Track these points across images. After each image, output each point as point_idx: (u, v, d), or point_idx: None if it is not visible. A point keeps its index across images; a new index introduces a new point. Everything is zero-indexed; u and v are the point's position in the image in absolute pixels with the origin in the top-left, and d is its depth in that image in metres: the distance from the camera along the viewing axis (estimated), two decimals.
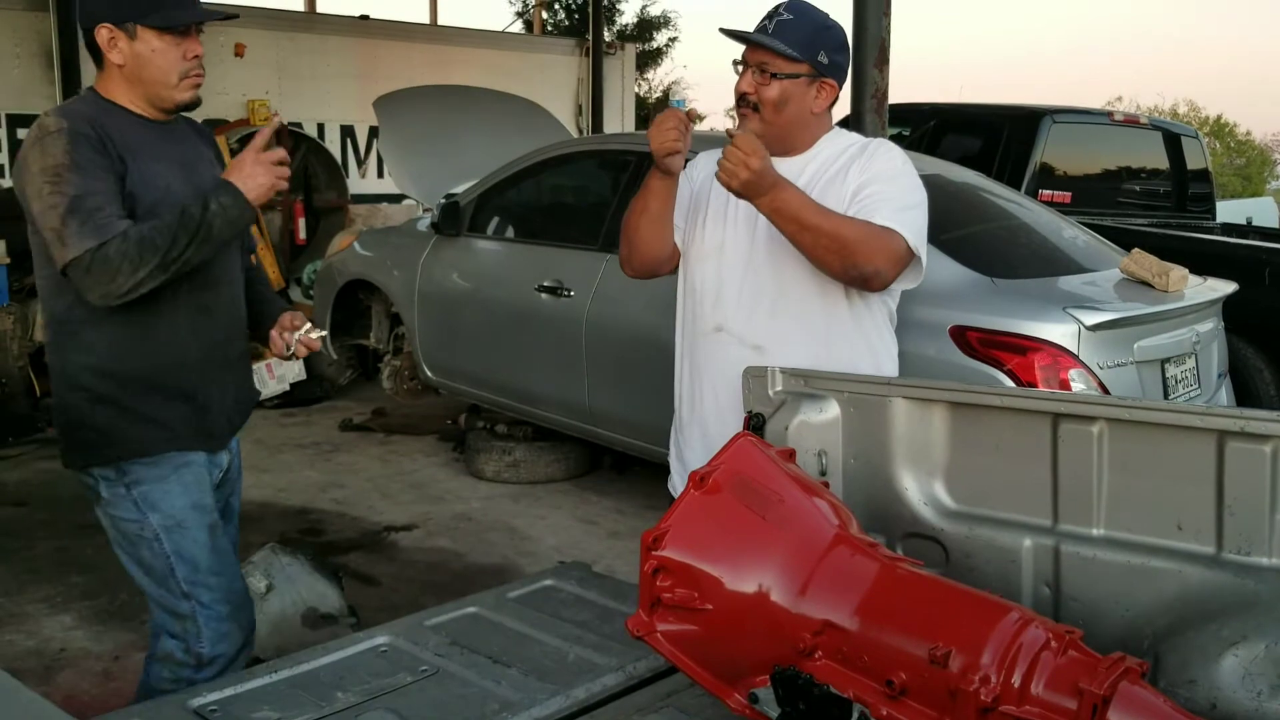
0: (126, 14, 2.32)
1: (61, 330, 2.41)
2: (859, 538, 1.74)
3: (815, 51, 2.43)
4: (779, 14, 2.44)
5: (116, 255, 2.19)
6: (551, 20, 20.89)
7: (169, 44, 2.36)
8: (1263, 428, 1.68)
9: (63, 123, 2.26)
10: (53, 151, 2.23)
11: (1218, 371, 4.60)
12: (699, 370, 2.62)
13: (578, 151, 6.00)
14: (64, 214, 2.20)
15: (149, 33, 2.33)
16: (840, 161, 2.51)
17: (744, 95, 2.47)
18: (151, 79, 2.37)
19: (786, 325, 2.48)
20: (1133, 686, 1.41)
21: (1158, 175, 7.61)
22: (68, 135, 2.24)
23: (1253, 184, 30.69)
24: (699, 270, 2.60)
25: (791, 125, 2.49)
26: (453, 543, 4.94)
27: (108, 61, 2.37)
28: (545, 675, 1.93)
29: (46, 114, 2.31)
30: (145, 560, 2.47)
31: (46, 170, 2.22)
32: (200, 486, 2.51)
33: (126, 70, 2.36)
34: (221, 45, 9.60)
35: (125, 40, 2.34)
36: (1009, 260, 4.42)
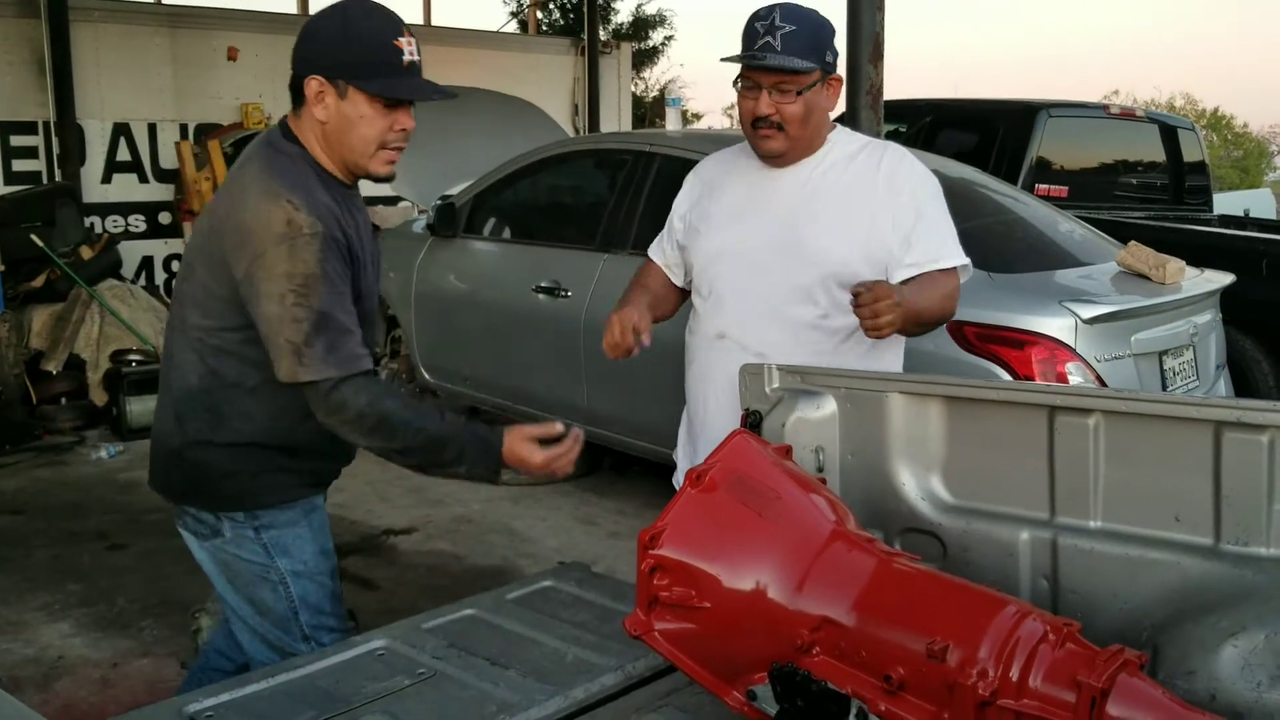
0: (344, 72, 2.15)
1: (219, 393, 2.28)
2: (856, 533, 1.73)
3: (822, 54, 2.40)
4: (778, 26, 2.36)
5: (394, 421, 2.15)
6: (546, 20, 20.88)
7: (378, 112, 2.18)
8: (1259, 418, 1.67)
9: (317, 226, 2.10)
10: (304, 258, 2.08)
11: (1216, 363, 4.59)
12: (703, 376, 2.61)
13: (574, 151, 6.00)
14: (309, 332, 2.08)
15: (360, 96, 2.16)
16: (855, 165, 2.49)
17: (765, 117, 2.41)
18: (350, 145, 2.21)
19: (787, 333, 2.46)
20: (1132, 679, 1.41)
21: (1154, 168, 7.61)
22: (321, 241, 2.10)
23: (1250, 176, 30.70)
24: (704, 276, 2.60)
25: (816, 131, 2.48)
26: (452, 545, 4.94)
27: (308, 112, 2.20)
28: (544, 676, 1.92)
29: (295, 205, 2.10)
30: (263, 601, 2.38)
31: (294, 277, 2.08)
32: (325, 530, 2.47)
33: (328, 128, 2.20)
34: (214, 49, 9.60)
35: (334, 97, 2.17)
36: (1006, 255, 4.41)
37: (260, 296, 2.11)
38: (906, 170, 2.50)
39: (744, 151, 2.60)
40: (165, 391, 2.38)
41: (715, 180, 2.64)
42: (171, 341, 2.36)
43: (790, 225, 2.47)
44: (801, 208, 2.47)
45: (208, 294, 2.23)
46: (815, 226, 2.45)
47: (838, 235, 2.44)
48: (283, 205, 2.11)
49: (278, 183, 2.14)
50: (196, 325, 2.26)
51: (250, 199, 2.14)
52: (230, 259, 2.15)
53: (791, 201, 2.48)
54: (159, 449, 2.41)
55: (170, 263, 9.46)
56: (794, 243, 2.46)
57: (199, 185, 8.46)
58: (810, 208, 2.46)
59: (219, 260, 2.18)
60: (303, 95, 2.19)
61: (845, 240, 2.44)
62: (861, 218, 2.44)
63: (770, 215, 2.49)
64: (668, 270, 2.74)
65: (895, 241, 2.42)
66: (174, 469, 2.38)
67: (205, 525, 2.36)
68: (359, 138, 2.20)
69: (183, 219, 9.01)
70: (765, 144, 2.45)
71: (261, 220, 2.11)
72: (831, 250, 2.45)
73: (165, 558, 4.52)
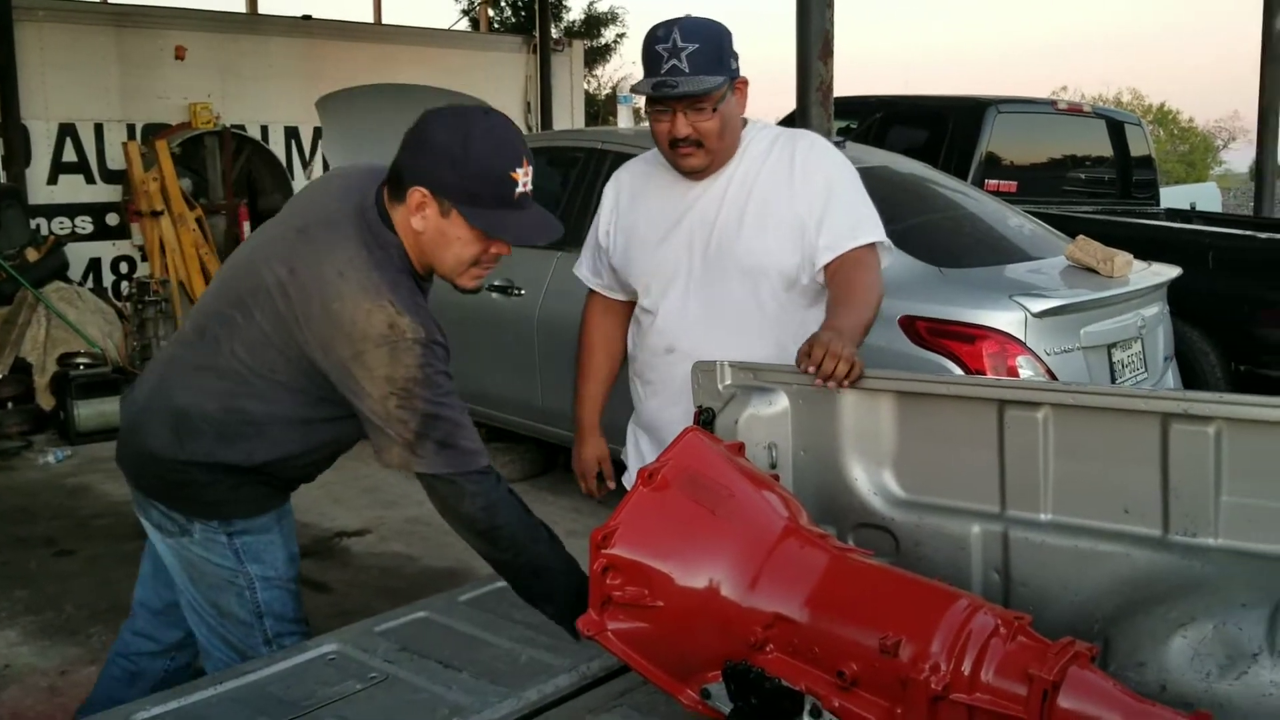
0: (452, 195, 2.04)
1: (237, 426, 2.20)
2: (809, 530, 1.73)
3: (727, 63, 2.38)
4: (682, 47, 2.32)
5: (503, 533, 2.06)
6: (498, 17, 20.81)
7: (476, 237, 2.08)
8: (1205, 409, 1.69)
9: (420, 331, 2.01)
10: (406, 362, 2.00)
11: (1164, 355, 4.65)
12: (657, 391, 2.60)
13: None
14: (417, 432, 2.02)
15: (461, 220, 2.06)
16: (772, 159, 2.49)
17: (684, 138, 2.38)
18: (441, 259, 2.12)
19: (736, 340, 2.43)
20: (1082, 671, 1.42)
21: (1102, 163, 7.69)
22: (423, 347, 2.01)
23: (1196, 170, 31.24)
24: (646, 294, 2.57)
25: (732, 141, 2.47)
26: (407, 547, 4.89)
27: (406, 211, 2.09)
28: (497, 678, 1.91)
29: (396, 309, 2.01)
30: (227, 605, 2.33)
31: (395, 380, 2.00)
32: (293, 534, 2.44)
33: (422, 238, 2.09)
34: (162, 48, 9.46)
35: (435, 211, 2.06)
36: (956, 250, 4.44)
37: (360, 394, 2.05)
38: (817, 156, 2.50)
39: (658, 160, 2.57)
40: (162, 398, 2.26)
41: (635, 194, 2.61)
42: (187, 355, 2.25)
43: (721, 235, 2.47)
44: (729, 216, 2.47)
45: (266, 343, 2.14)
46: (745, 232, 2.45)
47: (769, 237, 2.45)
48: (384, 307, 2.01)
49: (378, 277, 2.04)
50: (242, 361, 2.16)
51: (347, 290, 2.03)
52: (314, 339, 2.07)
53: (718, 210, 2.48)
54: (140, 450, 2.30)
55: (118, 264, 9.32)
56: (728, 252, 2.46)
57: (147, 186, 8.34)
58: (737, 214, 2.46)
59: (291, 323, 2.09)
60: (404, 190, 2.08)
61: (776, 239, 2.45)
62: (785, 214, 2.44)
63: (700, 227, 2.49)
64: (609, 292, 2.72)
65: (812, 226, 2.42)
66: (153, 473, 2.30)
67: (174, 523, 2.31)
68: (453, 256, 2.12)
69: (130, 220, 8.89)
70: (687, 162, 2.43)
71: (360, 318, 2.02)
72: (766, 253, 2.45)
73: (113, 563, 4.45)
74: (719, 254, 2.46)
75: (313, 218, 2.17)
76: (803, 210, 2.43)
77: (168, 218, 8.26)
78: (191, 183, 9.10)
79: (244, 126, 9.79)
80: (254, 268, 2.17)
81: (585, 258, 2.75)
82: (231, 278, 2.25)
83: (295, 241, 2.14)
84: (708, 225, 2.47)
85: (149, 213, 8.24)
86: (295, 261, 2.10)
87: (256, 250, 2.23)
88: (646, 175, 2.62)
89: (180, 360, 2.27)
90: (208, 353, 2.20)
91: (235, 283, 2.21)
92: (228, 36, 9.97)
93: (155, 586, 2.52)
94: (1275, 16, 7.65)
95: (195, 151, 9.48)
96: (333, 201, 2.18)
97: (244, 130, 9.77)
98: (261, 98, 9.98)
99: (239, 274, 2.22)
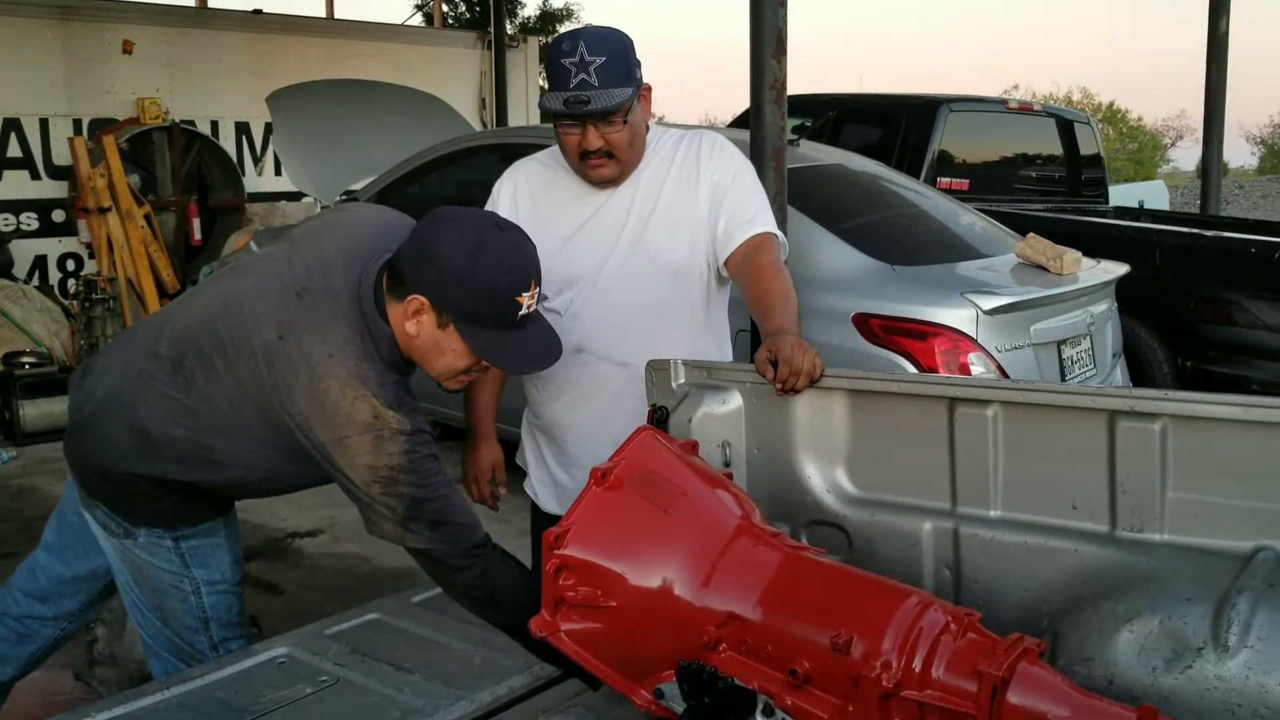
0: (452, 311, 1.99)
1: (199, 458, 2.15)
2: (762, 528, 1.73)
3: (633, 72, 2.37)
4: (589, 60, 2.30)
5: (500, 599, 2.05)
6: (452, 13, 20.70)
7: (470, 352, 2.04)
8: (1151, 406, 1.71)
9: (405, 424, 1.98)
10: (389, 451, 1.96)
11: (1112, 351, 4.71)
12: (564, 391, 2.59)
13: (481, 145, 5.93)
14: (405, 515, 1.98)
15: (457, 335, 2.02)
16: (677, 160, 2.49)
17: (596, 150, 2.37)
18: (430, 365, 2.09)
19: (648, 338, 2.44)
20: (1031, 666, 1.43)
21: (1052, 161, 7.78)
22: (407, 438, 1.98)
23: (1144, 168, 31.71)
24: (551, 300, 2.52)
25: (640, 148, 2.46)
26: (360, 547, 4.85)
27: (403, 313, 2.03)
28: (450, 680, 1.90)
29: (381, 400, 1.97)
30: (171, 609, 2.30)
31: (378, 469, 1.96)
32: (238, 536, 2.42)
33: (415, 342, 2.04)
34: (109, 42, 9.31)
35: (431, 320, 2.01)
36: (909, 248, 4.47)
37: (342, 475, 2.02)
38: (718, 154, 2.51)
39: (558, 162, 2.55)
40: (124, 409, 2.19)
41: (536, 193, 2.58)
42: (160, 378, 2.16)
43: (632, 236, 2.47)
44: (638, 216, 2.47)
45: (244, 398, 2.08)
46: (656, 233, 2.46)
47: (679, 236, 2.46)
48: (368, 397, 1.98)
49: (367, 369, 2.00)
50: (217, 409, 2.11)
51: (335, 373, 1.99)
52: (296, 413, 2.01)
53: (628, 211, 2.48)
54: (90, 454, 2.24)
55: (65, 262, 9.17)
56: (639, 252, 2.46)
57: (94, 182, 8.19)
58: (646, 215, 2.47)
59: (271, 391, 2.03)
60: (404, 292, 2.01)
61: (687, 239, 2.46)
62: (692, 213, 2.46)
63: (610, 228, 2.48)
64: None
65: (716, 221, 2.44)
66: (100, 477, 2.24)
67: (118, 525, 2.26)
68: (444, 365, 2.08)
69: (77, 216, 8.73)
70: (598, 173, 2.42)
71: (345, 404, 1.98)
72: (676, 252, 2.47)
73: None
74: (630, 254, 2.46)
75: (315, 282, 2.08)
76: (706, 208, 2.45)
77: (115, 214, 8.12)
78: (140, 179, 8.96)
79: (194, 122, 9.66)
80: (243, 316, 2.09)
81: None
82: (221, 311, 2.14)
83: (292, 305, 2.06)
84: (618, 226, 2.48)
85: (96, 209, 8.10)
86: (286, 329, 2.03)
87: (251, 293, 2.12)
88: (548, 178, 2.59)
89: (150, 378, 2.17)
90: (181, 385, 2.13)
91: (222, 320, 2.12)
92: (176, 30, 9.82)
93: (67, 556, 2.46)
94: (1220, 18, 7.77)
95: (144, 147, 9.35)
96: (338, 265, 2.09)
97: (194, 126, 9.64)
98: (211, 93, 9.85)
99: (229, 311, 2.13)
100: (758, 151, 3.77)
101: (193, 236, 9.02)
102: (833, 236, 4.19)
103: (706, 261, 2.48)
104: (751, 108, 3.88)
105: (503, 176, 2.69)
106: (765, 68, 3.81)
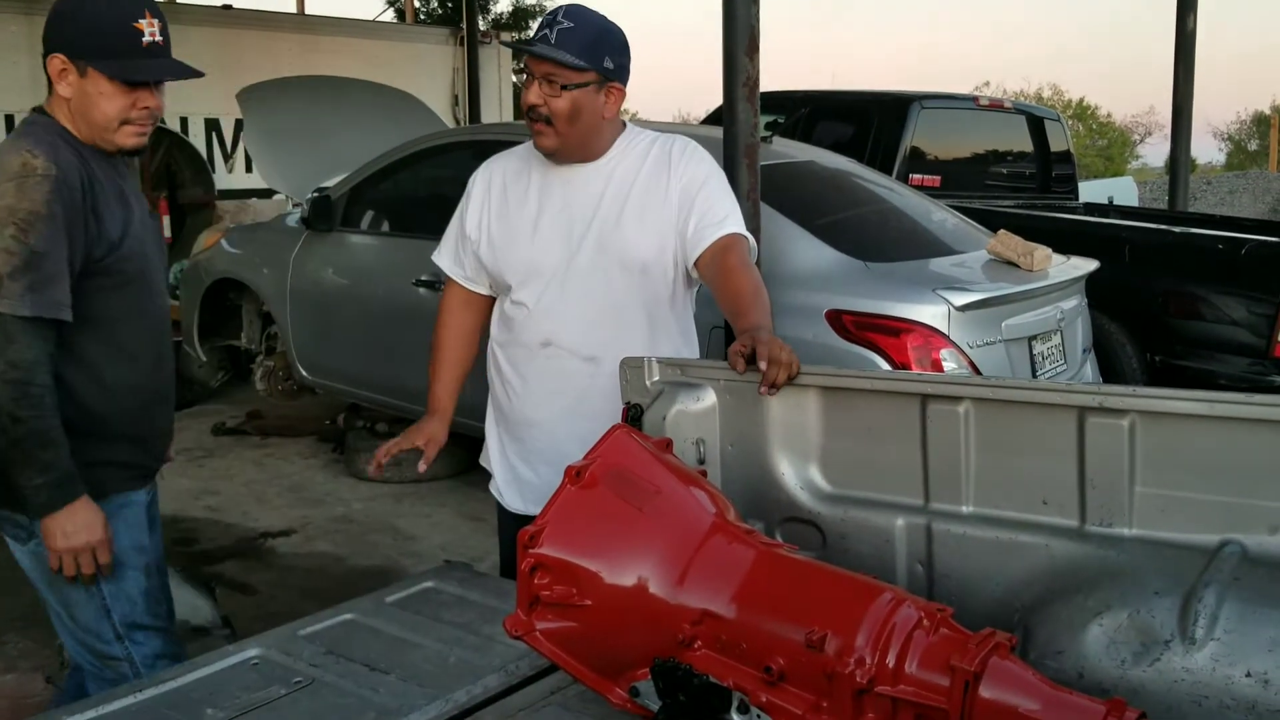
0: (83, 52, 2.21)
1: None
2: (736, 525, 1.74)
3: (600, 58, 2.40)
4: (559, 22, 2.38)
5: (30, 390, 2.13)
6: (424, 9, 20.58)
7: (119, 90, 2.24)
8: (1120, 402, 1.73)
9: (51, 170, 2.14)
10: (32, 196, 2.12)
11: (1082, 347, 4.75)
12: (528, 385, 2.60)
13: (453, 142, 5.91)
14: (18, 266, 2.10)
15: (99, 75, 2.22)
16: (649, 160, 2.52)
17: (534, 107, 2.41)
18: (94, 121, 2.26)
19: (615, 333, 2.47)
20: (1003, 661, 1.44)
21: (1023, 158, 7.83)
22: (53, 184, 2.13)
23: (1114, 164, 31.99)
24: (520, 289, 2.56)
25: (586, 134, 2.47)
26: (333, 546, 4.84)
27: (56, 92, 2.27)
28: (424, 680, 1.89)
29: (32, 153, 2.16)
30: (75, 600, 2.34)
31: (17, 211, 2.10)
32: (141, 526, 2.42)
33: (73, 105, 2.26)
34: None
35: (75, 76, 2.23)
36: (882, 244, 4.49)
37: None
38: (689, 157, 2.53)
39: (532, 155, 2.59)
40: None
41: (507, 186, 2.60)
42: None
43: (601, 230, 2.48)
44: (608, 211, 2.49)
45: None
46: (625, 228, 2.48)
47: (648, 233, 2.48)
48: (21, 153, 2.16)
49: (22, 140, 2.21)
50: None
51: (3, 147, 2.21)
52: None
53: (596, 206, 2.49)
54: None
55: None
56: (608, 247, 2.48)
57: None
58: (616, 210, 2.49)
59: None
60: (46, 64, 2.23)
61: (656, 235, 2.48)
62: (662, 211, 2.48)
63: (579, 221, 2.50)
64: (469, 284, 2.71)
65: (686, 221, 2.46)
66: None
67: (21, 528, 2.33)
68: (101, 114, 2.24)
69: None
70: (537, 139, 2.46)
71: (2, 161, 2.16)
72: (644, 248, 2.48)
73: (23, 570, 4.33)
74: (598, 248, 2.48)
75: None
76: (676, 209, 2.47)
77: None
78: None
79: (162, 118, 9.58)
80: None
81: (446, 247, 2.74)
82: None
83: None
84: (586, 220, 2.49)
85: None
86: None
87: None
88: (520, 169, 2.62)
89: None
90: None
91: None
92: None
93: None
94: (1188, 16, 7.83)
95: None
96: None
97: (163, 122, 9.55)
98: (180, 89, 9.67)
99: None
100: (731, 148, 3.78)
101: (162, 234, 8.94)
102: (806, 233, 4.20)
103: (674, 261, 2.50)
104: (725, 104, 3.88)
105: (477, 171, 2.73)
106: (738, 64, 3.81)
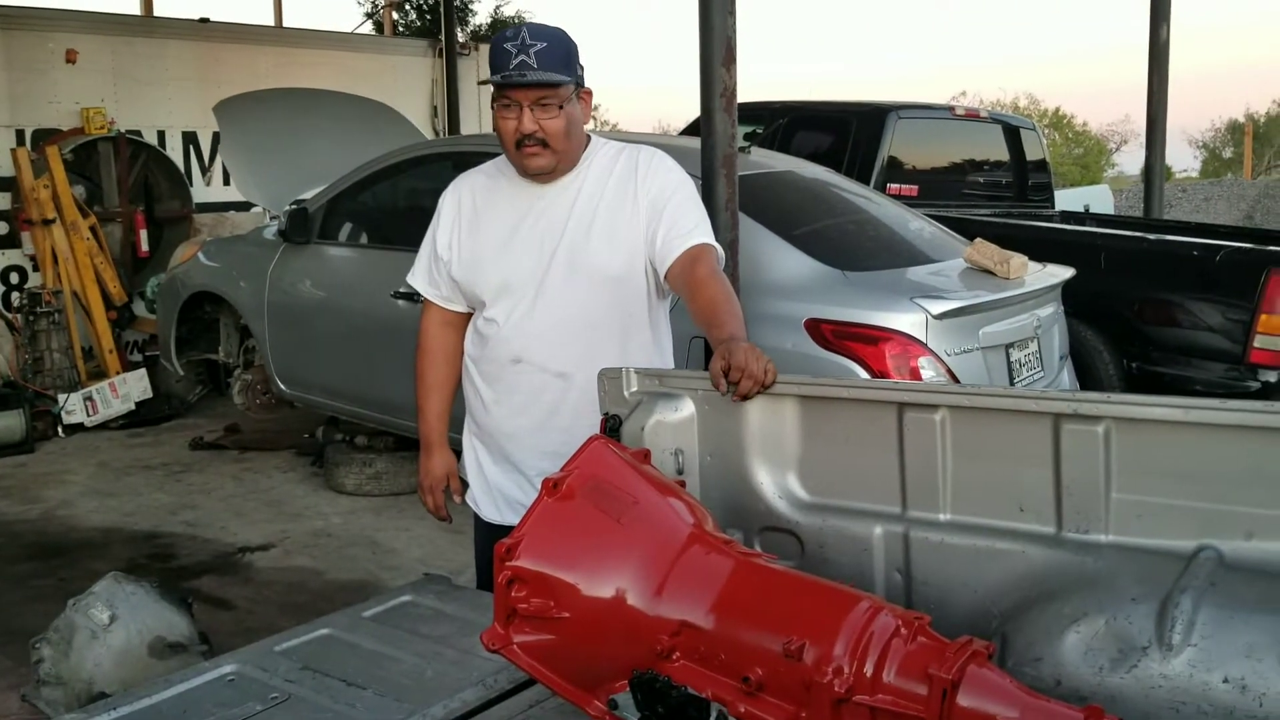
0: None
1: None
2: (714, 536, 1.73)
3: (574, 67, 2.42)
4: (530, 44, 2.36)
5: None
6: (403, 21, 20.56)
7: None
8: (1095, 409, 1.74)
9: None
10: None
11: (1059, 354, 4.77)
12: (500, 400, 2.60)
13: (431, 154, 5.90)
14: None
15: None
16: (616, 171, 2.52)
17: (529, 135, 2.40)
18: None
19: (586, 350, 2.46)
20: (980, 669, 1.44)
21: (999, 167, 7.87)
22: None
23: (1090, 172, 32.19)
24: (493, 306, 2.56)
25: (577, 145, 2.49)
26: (312, 561, 4.81)
27: None
28: (402, 695, 1.88)
29: None
30: None
31: None
32: None
33: None
34: (52, 51, 9.14)
35: None
36: (859, 253, 4.51)
37: None
38: (656, 167, 2.53)
39: (501, 172, 2.59)
40: None
41: (478, 205, 2.60)
42: None
43: (570, 245, 2.48)
44: (577, 226, 2.49)
45: None
46: (594, 243, 2.48)
47: (617, 246, 2.48)
48: None
49: None
50: None
51: None
52: None
53: (565, 221, 2.49)
54: None
55: (9, 275, 8.99)
56: (577, 262, 2.48)
57: (38, 193, 8.06)
58: (585, 224, 2.48)
59: None
60: None
61: (625, 249, 2.48)
62: (631, 224, 2.48)
63: (548, 238, 2.49)
64: (446, 304, 2.70)
65: (655, 232, 2.46)
66: None
67: None
68: None
69: (21, 229, 8.58)
70: (533, 162, 2.44)
71: None
72: (613, 263, 2.48)
73: (4, 586, 4.30)
74: (568, 264, 2.48)
75: None
76: (645, 221, 2.47)
77: (60, 226, 8.00)
78: (85, 190, 8.81)
79: (140, 132, 9.51)
80: None
81: (420, 268, 2.73)
82: None
83: None
84: (555, 235, 2.49)
85: (40, 221, 7.97)
86: None
87: None
88: (489, 187, 2.61)
89: None
90: None
91: None
92: (121, 39, 9.66)
93: None
94: (1161, 26, 7.90)
95: (89, 157, 9.19)
96: None
97: (140, 136, 9.50)
98: (158, 102, 9.70)
99: None
100: (709, 159, 3.78)
101: (140, 248, 8.86)
102: (784, 243, 4.21)
103: (645, 273, 2.50)
104: (702, 114, 3.89)
105: (446, 190, 2.71)
106: (715, 75, 3.82)
